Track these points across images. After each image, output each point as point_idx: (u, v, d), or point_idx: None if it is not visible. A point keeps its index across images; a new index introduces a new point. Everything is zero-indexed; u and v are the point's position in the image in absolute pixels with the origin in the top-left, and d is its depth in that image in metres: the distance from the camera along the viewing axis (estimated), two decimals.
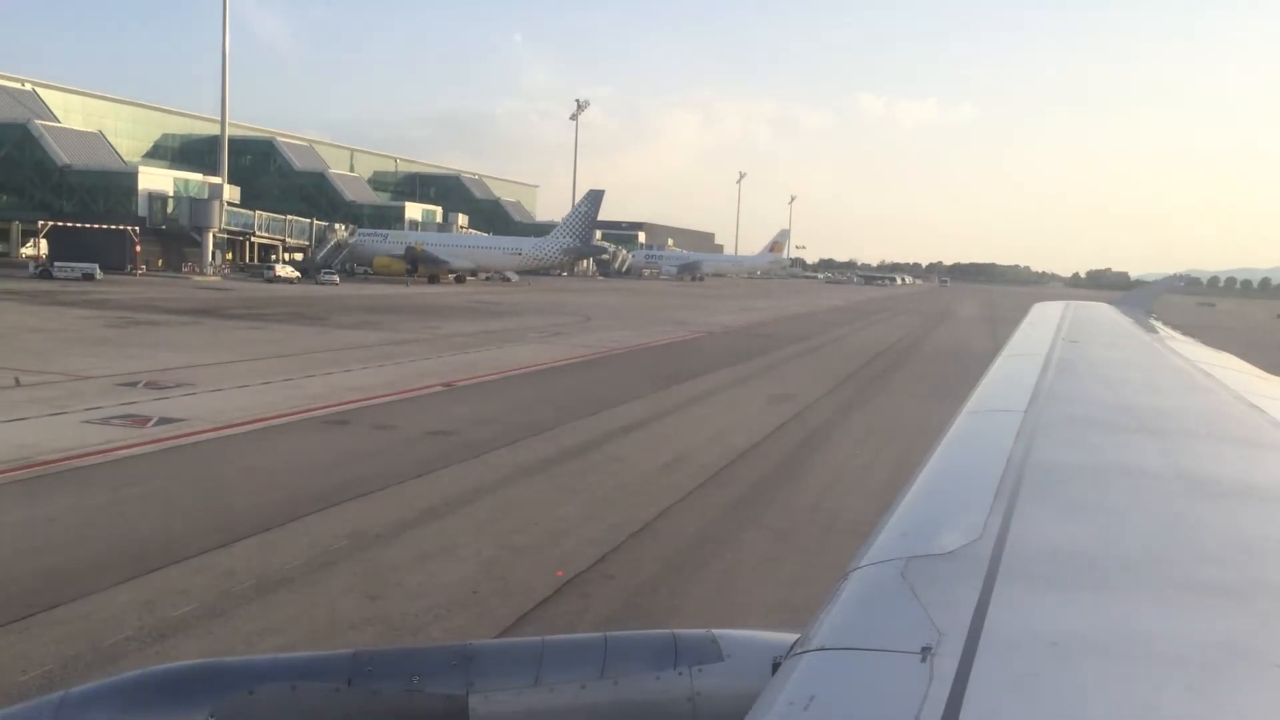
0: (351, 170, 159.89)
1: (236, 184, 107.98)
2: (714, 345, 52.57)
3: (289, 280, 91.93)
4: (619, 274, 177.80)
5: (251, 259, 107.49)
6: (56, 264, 79.12)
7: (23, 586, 12.46)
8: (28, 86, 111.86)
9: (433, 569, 13.87)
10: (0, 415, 22.77)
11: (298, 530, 15.33)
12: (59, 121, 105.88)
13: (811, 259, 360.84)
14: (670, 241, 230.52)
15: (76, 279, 75.89)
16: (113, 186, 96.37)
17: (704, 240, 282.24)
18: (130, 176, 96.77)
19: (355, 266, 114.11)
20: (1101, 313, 14.29)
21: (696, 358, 45.04)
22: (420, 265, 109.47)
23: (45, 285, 70.29)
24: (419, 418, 25.54)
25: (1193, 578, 2.69)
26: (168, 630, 11.26)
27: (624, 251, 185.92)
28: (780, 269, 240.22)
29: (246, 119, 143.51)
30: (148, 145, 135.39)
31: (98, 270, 78.56)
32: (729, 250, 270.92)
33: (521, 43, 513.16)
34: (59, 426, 21.99)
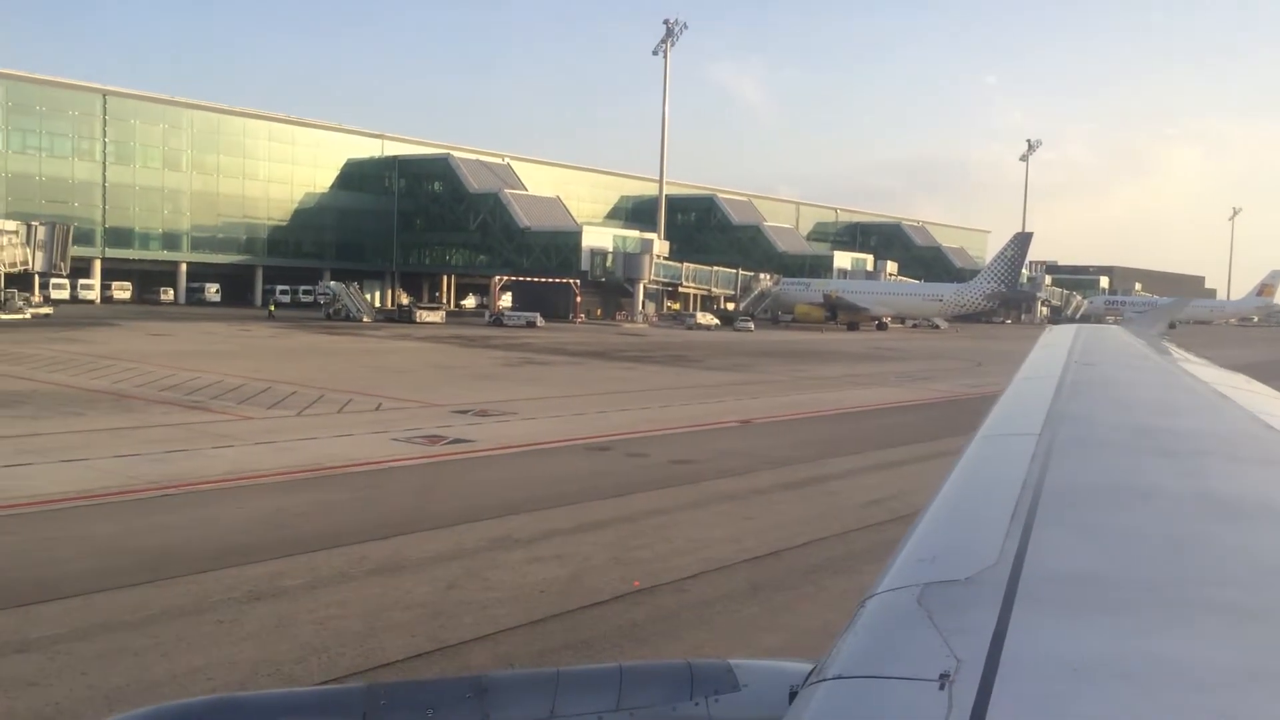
0: (796, 222, 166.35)
1: (680, 239, 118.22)
2: None
3: (707, 328, 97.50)
4: (1071, 320, 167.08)
5: (691, 308, 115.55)
6: (506, 313, 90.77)
7: (197, 553, 15.54)
8: (505, 160, 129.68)
9: (529, 570, 15.20)
10: (333, 431, 27.54)
11: (458, 531, 17.34)
12: (527, 190, 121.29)
13: None
14: (1138, 286, 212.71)
15: (521, 326, 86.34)
16: (562, 244, 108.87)
17: (1187, 284, 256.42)
18: (575, 235, 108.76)
19: (780, 314, 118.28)
20: (1114, 335, 12.78)
21: None
22: (839, 312, 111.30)
23: (490, 332, 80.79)
24: (679, 448, 26.94)
25: (1214, 600, 2.63)
26: (265, 594, 13.67)
27: (1078, 297, 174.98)
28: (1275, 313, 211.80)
29: (694, 179, 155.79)
30: (607, 208, 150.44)
31: (539, 319, 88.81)
32: (1220, 296, 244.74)
33: (995, 84, 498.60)
34: (369, 442, 26.11)
